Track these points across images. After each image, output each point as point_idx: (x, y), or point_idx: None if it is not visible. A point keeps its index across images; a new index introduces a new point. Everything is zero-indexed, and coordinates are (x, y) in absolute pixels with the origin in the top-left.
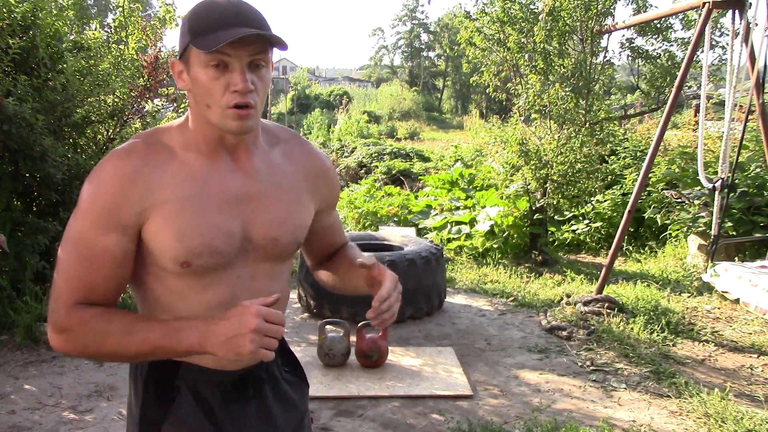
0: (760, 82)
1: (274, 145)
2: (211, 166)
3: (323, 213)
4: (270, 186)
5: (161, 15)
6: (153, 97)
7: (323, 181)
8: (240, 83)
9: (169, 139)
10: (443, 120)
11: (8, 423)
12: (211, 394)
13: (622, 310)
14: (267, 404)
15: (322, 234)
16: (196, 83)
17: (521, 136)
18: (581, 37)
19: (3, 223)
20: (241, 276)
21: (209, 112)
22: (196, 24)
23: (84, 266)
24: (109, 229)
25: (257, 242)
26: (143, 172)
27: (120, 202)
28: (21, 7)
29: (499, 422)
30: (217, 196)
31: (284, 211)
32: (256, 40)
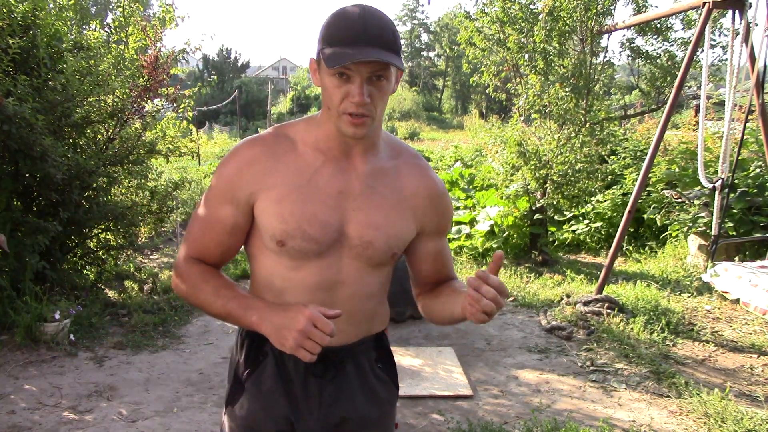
0: (760, 82)
1: (393, 159)
2: (324, 161)
3: (429, 237)
4: (375, 192)
5: (161, 15)
6: (153, 97)
7: (430, 204)
8: (357, 96)
9: (295, 133)
10: (443, 120)
11: (8, 423)
12: (294, 364)
13: (622, 310)
14: (348, 390)
15: (428, 260)
16: (323, 86)
17: (521, 136)
18: (581, 37)
19: (3, 223)
20: (331, 268)
21: (330, 113)
22: (329, 34)
23: (202, 228)
24: (225, 202)
25: (351, 239)
26: (261, 159)
27: (237, 180)
28: (21, 7)
29: (499, 422)
30: (323, 189)
31: (383, 218)
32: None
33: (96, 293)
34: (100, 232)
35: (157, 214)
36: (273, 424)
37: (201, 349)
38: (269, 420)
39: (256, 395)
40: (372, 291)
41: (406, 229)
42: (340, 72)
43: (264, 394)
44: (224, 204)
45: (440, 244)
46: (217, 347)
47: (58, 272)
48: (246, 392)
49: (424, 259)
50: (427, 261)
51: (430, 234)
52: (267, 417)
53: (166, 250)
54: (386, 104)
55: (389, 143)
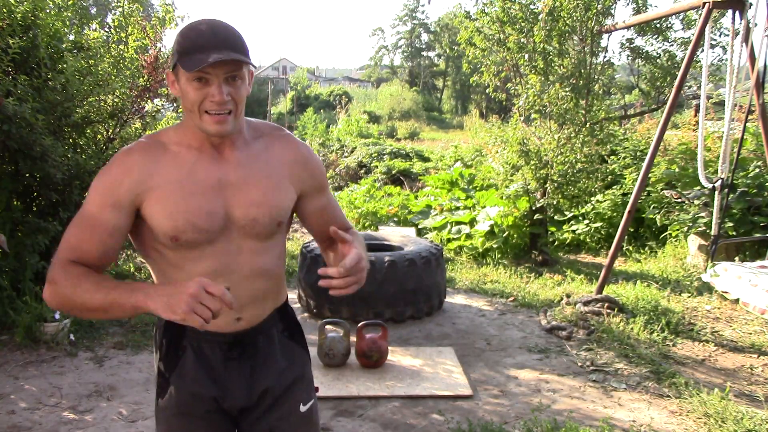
0: (760, 82)
1: (256, 139)
2: (198, 157)
3: (310, 196)
4: (249, 173)
5: (161, 15)
6: (153, 97)
7: (302, 167)
8: (217, 95)
9: (167, 138)
10: (443, 120)
11: (8, 423)
12: (211, 352)
13: (622, 310)
14: (261, 364)
15: (316, 216)
16: (184, 93)
17: (521, 136)
18: (581, 37)
19: (3, 223)
20: (227, 251)
21: (193, 116)
22: (183, 45)
23: (81, 231)
24: (106, 206)
25: (238, 221)
26: (140, 163)
27: (118, 185)
28: (21, 7)
29: (499, 422)
30: (202, 181)
31: (261, 194)
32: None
33: None
34: None
35: None
36: (201, 405)
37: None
38: (197, 402)
39: (181, 384)
40: (269, 266)
41: (286, 197)
42: (199, 77)
43: (189, 382)
44: (105, 208)
45: (323, 200)
46: None
47: None
48: (172, 384)
49: (313, 217)
50: (315, 218)
51: (310, 194)
52: (195, 400)
53: None
54: (245, 102)
55: (251, 126)
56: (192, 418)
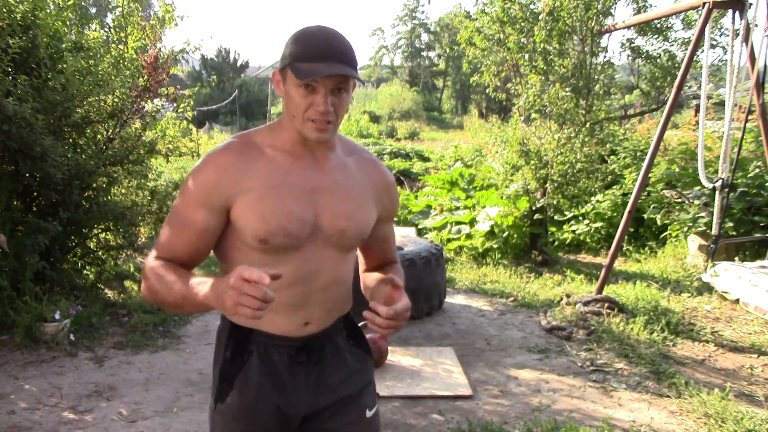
0: (760, 82)
1: (349, 155)
2: (293, 162)
3: (382, 222)
4: (342, 185)
5: (161, 15)
6: (153, 97)
7: (386, 193)
8: (321, 106)
9: (261, 139)
10: (443, 120)
11: (8, 423)
12: (279, 357)
13: (622, 310)
14: (328, 370)
15: (378, 242)
16: (289, 97)
17: (521, 136)
18: (581, 37)
19: (3, 223)
20: (310, 258)
21: (295, 121)
22: (297, 50)
23: (172, 231)
24: (198, 206)
25: (326, 230)
26: (234, 164)
27: (211, 186)
28: (21, 7)
29: (499, 422)
30: (296, 187)
31: (352, 208)
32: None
33: (96, 293)
34: (100, 232)
35: (157, 214)
36: (264, 414)
37: (201, 349)
38: (260, 411)
39: (245, 390)
40: (343, 276)
41: (371, 215)
42: (307, 84)
43: (253, 387)
44: (197, 208)
45: (389, 228)
46: None
47: (58, 272)
48: (235, 388)
49: (376, 241)
50: (377, 243)
51: (383, 219)
52: (258, 408)
53: None
54: (345, 113)
55: (342, 141)
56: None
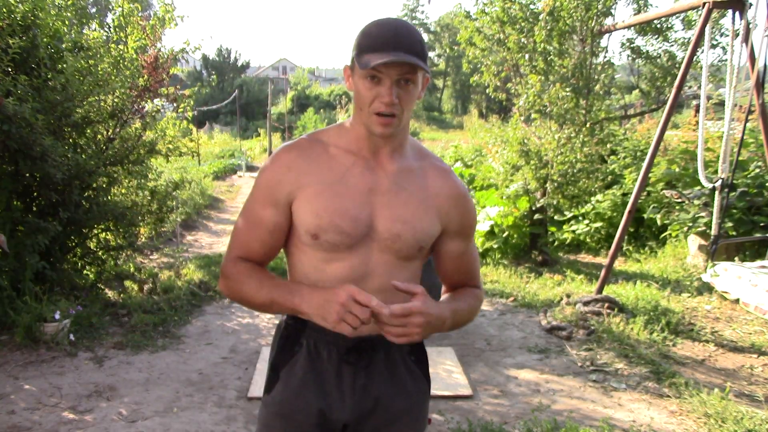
0: (760, 82)
1: (418, 161)
2: (354, 161)
3: (452, 238)
4: (402, 189)
5: (161, 15)
6: (153, 97)
7: (454, 204)
8: (386, 96)
9: (328, 137)
10: (443, 120)
11: (8, 423)
12: (327, 353)
13: (622, 310)
14: (377, 379)
15: (450, 260)
16: (356, 89)
17: (521, 136)
18: (581, 37)
19: (3, 223)
20: (363, 260)
21: (361, 114)
22: (363, 41)
23: (246, 230)
24: (267, 204)
25: (380, 233)
26: (297, 161)
27: (276, 183)
28: (21, 7)
29: (499, 422)
30: (353, 186)
31: (410, 213)
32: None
33: (96, 293)
34: (100, 232)
35: (157, 214)
36: (305, 415)
37: (201, 349)
38: (301, 410)
39: (288, 384)
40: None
41: (432, 225)
42: (372, 75)
43: (297, 382)
44: (266, 206)
45: (462, 246)
46: (217, 347)
47: (58, 272)
48: (280, 381)
49: (447, 258)
50: (449, 261)
51: (452, 234)
52: (298, 406)
53: (166, 250)
54: (413, 108)
55: (415, 147)
56: (293, 425)
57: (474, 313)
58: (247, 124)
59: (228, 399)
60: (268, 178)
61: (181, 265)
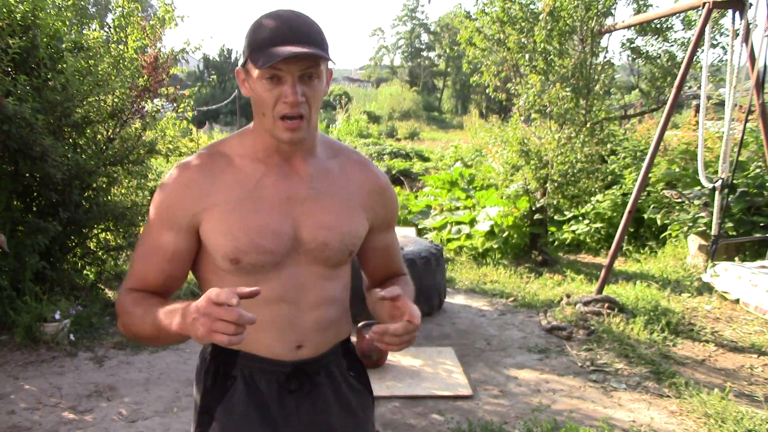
0: (760, 82)
1: (332, 157)
2: (264, 171)
3: (378, 231)
4: (322, 193)
5: (161, 15)
6: (153, 97)
7: (378, 198)
8: (290, 96)
9: (230, 148)
10: (443, 120)
11: (8, 423)
12: (266, 384)
13: (622, 310)
14: (322, 403)
15: (377, 254)
16: (254, 93)
17: (521, 136)
18: (581, 37)
19: (3, 223)
20: (291, 277)
21: (264, 120)
22: (254, 39)
23: (142, 258)
24: (164, 228)
25: (307, 244)
26: (197, 179)
27: (174, 205)
28: (21, 7)
29: (499, 422)
30: (268, 198)
31: (335, 218)
32: (306, 56)
33: (96, 293)
34: (100, 232)
35: None
36: None
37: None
38: None
39: (228, 422)
40: (335, 295)
41: (359, 225)
42: (271, 75)
43: (237, 419)
44: (163, 231)
45: (389, 238)
46: None
47: (58, 272)
48: (216, 421)
49: (374, 253)
50: (376, 256)
51: (379, 228)
52: None
53: None
54: (320, 106)
55: (326, 143)
56: None
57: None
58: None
59: None
60: (165, 199)
61: None
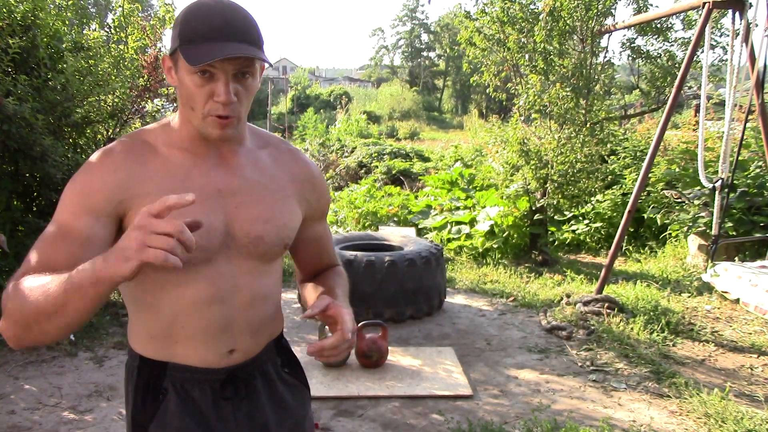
0: (760, 82)
1: (262, 148)
2: (193, 161)
3: (311, 222)
4: (255, 184)
5: (161, 15)
6: (153, 97)
7: (310, 187)
8: (223, 95)
9: (154, 138)
10: (443, 120)
11: (8, 423)
12: (200, 393)
13: (622, 310)
14: (259, 405)
15: (309, 245)
16: (182, 86)
17: (521, 136)
18: (581, 37)
19: (3, 223)
20: (224, 273)
21: (192, 115)
22: (187, 30)
23: (49, 243)
24: (81, 213)
25: (240, 239)
26: (124, 164)
27: (97, 189)
28: (21, 7)
29: (499, 422)
30: (199, 190)
31: (269, 210)
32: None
33: None
34: None
35: None
36: None
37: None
38: None
39: None
40: (269, 291)
41: (294, 216)
42: (203, 70)
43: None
44: (80, 215)
45: (321, 228)
46: None
47: None
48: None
49: (307, 245)
50: (309, 247)
51: (311, 219)
52: None
53: None
54: (251, 102)
55: (254, 133)
56: None
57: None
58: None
59: None
60: (87, 182)
61: None
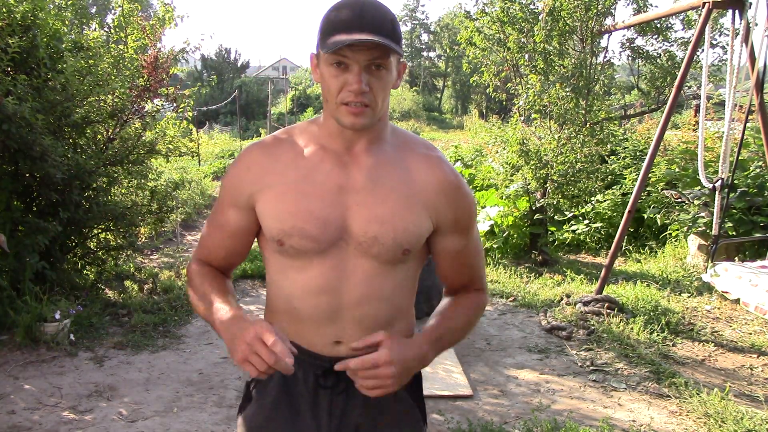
0: (760, 82)
1: (401, 151)
2: (323, 156)
3: (445, 233)
4: (380, 185)
5: (161, 15)
6: (153, 97)
7: (446, 198)
8: (354, 84)
9: (299, 132)
10: (443, 120)
11: (8, 423)
12: (303, 374)
13: (622, 310)
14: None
15: (446, 258)
16: (322, 78)
17: (521, 136)
18: (581, 37)
19: (3, 223)
20: (335, 267)
21: (328, 105)
22: (326, 25)
23: (209, 232)
24: (228, 206)
25: (356, 236)
26: (259, 160)
27: (237, 184)
28: (21, 7)
29: (499, 422)
30: (321, 184)
31: (389, 212)
32: (373, 45)
33: (96, 293)
34: (100, 232)
35: (157, 214)
36: None
37: (201, 349)
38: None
39: (260, 406)
40: (385, 294)
41: (417, 222)
42: (338, 61)
43: (268, 406)
44: (227, 208)
45: (459, 243)
46: (217, 347)
47: (58, 272)
48: (253, 401)
49: (444, 258)
50: (446, 261)
51: (446, 231)
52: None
53: (166, 250)
54: (388, 95)
55: (399, 137)
56: None
57: (472, 324)
58: (247, 124)
59: (228, 399)
60: (231, 178)
61: (181, 265)
